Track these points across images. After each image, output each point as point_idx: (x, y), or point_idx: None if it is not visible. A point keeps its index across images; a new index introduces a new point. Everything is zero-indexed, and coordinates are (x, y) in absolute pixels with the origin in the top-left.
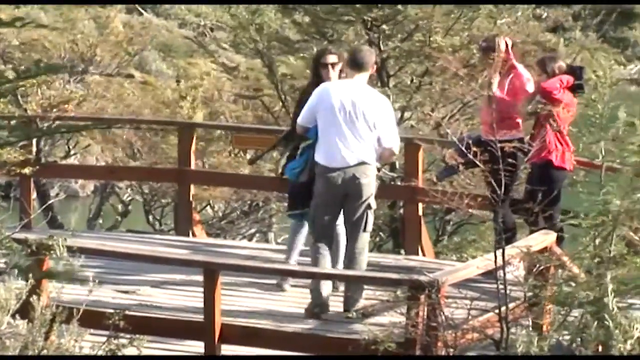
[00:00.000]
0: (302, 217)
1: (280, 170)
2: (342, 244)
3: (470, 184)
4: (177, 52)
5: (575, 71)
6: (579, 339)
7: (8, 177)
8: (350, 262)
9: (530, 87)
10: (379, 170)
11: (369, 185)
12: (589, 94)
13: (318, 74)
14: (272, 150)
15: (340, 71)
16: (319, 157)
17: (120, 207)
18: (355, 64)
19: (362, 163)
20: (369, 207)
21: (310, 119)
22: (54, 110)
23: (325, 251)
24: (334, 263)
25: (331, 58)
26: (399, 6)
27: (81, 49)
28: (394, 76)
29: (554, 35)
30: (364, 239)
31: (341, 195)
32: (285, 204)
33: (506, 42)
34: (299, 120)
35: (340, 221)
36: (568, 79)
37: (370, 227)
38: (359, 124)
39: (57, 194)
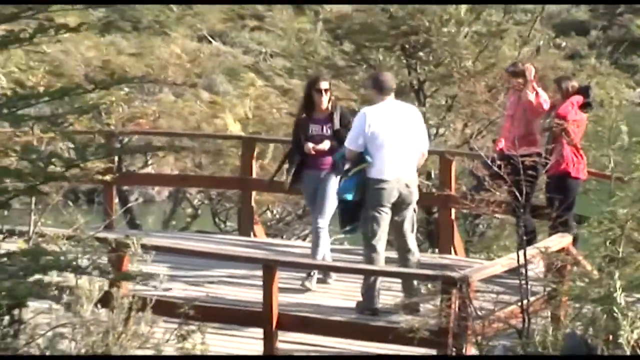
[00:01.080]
0: (354, 230)
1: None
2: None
3: (496, 192)
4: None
5: (584, 90)
6: (591, 329)
7: (93, 183)
8: (405, 259)
9: (547, 106)
10: None
11: (416, 192)
12: (598, 111)
13: (311, 97)
14: (282, 168)
15: (331, 95)
16: (374, 172)
17: (190, 210)
18: (384, 88)
19: (411, 172)
20: (414, 210)
21: (360, 145)
22: (131, 123)
23: (378, 253)
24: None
25: (324, 84)
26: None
27: (156, 72)
28: (430, 97)
29: (571, 62)
30: (413, 237)
31: (394, 202)
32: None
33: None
34: (350, 146)
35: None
36: (578, 99)
37: (416, 227)
38: (404, 138)
39: (137, 199)
